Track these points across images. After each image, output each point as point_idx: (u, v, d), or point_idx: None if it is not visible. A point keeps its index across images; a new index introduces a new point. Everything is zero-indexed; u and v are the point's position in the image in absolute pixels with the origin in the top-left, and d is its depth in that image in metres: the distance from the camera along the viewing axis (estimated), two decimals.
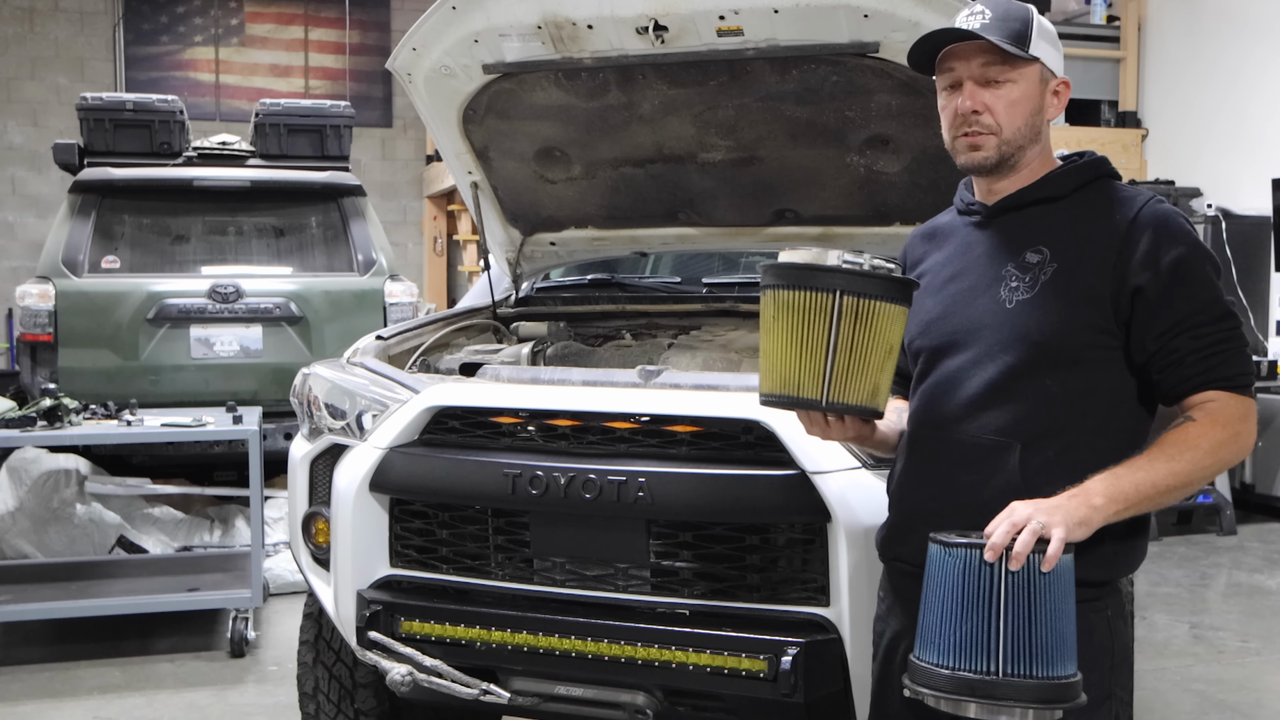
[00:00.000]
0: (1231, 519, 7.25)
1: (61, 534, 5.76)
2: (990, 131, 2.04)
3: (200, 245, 6.67)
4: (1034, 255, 2.03)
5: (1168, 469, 1.90)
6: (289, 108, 7.00)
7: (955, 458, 2.04)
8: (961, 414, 2.04)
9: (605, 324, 3.91)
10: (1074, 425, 1.99)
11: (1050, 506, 1.83)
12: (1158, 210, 2.01)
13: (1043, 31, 2.05)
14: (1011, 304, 2.02)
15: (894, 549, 2.14)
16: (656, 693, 2.67)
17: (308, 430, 3.24)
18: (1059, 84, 2.09)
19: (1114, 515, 1.87)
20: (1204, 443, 1.91)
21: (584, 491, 2.65)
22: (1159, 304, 1.95)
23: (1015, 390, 2.00)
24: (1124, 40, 9.52)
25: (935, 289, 2.15)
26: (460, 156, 3.67)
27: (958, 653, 1.80)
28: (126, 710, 4.32)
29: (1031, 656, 1.77)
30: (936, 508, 2.03)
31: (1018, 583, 1.78)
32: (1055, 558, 1.77)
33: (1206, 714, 4.35)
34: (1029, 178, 2.09)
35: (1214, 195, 8.38)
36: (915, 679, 1.85)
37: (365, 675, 3.26)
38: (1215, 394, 1.95)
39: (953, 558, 1.82)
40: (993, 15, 2.02)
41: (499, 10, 3.13)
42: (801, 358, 2.00)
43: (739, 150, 3.44)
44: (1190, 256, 1.98)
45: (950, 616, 1.81)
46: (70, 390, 5.23)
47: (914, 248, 2.28)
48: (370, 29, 12.83)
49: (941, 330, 2.10)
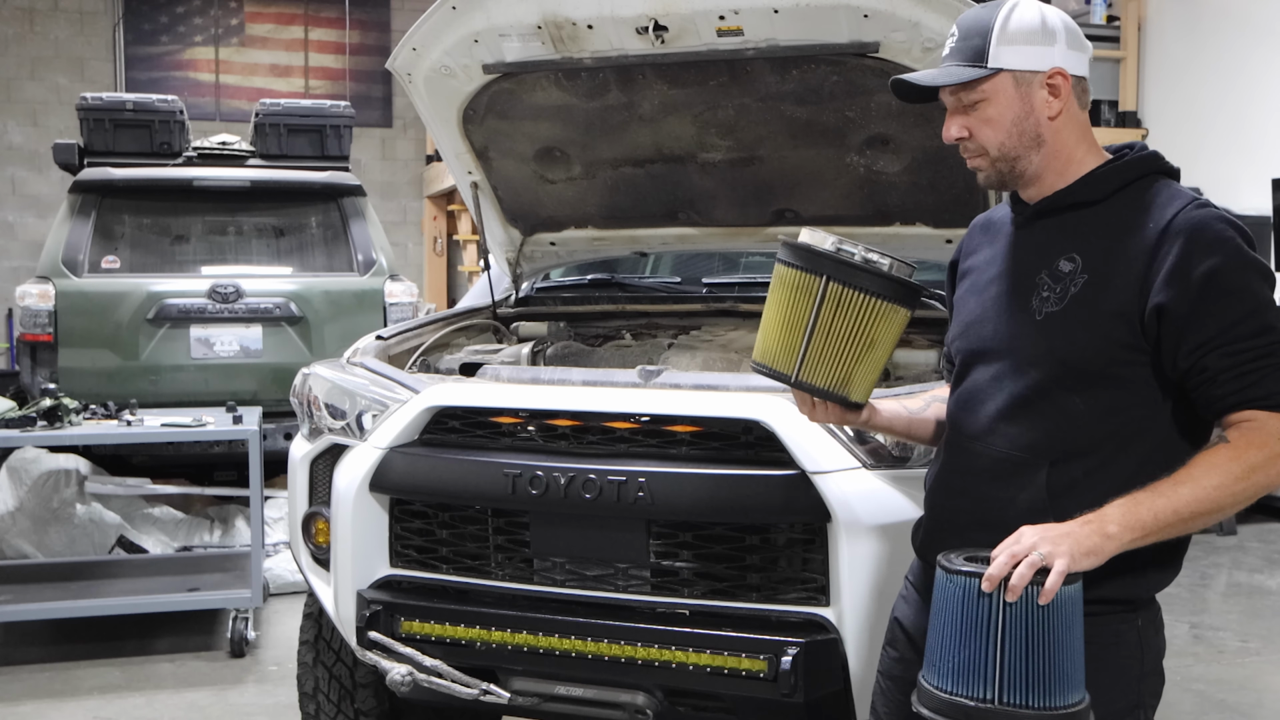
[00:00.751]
0: (1231, 519, 7.25)
1: (61, 534, 5.76)
2: (979, 153, 1.99)
3: (200, 245, 6.67)
4: (1067, 264, 1.94)
5: (1192, 494, 1.80)
6: (289, 108, 7.00)
7: (983, 471, 2.00)
8: (989, 427, 1.99)
9: (605, 324, 3.91)
10: (1102, 445, 1.91)
11: (1058, 535, 1.76)
12: (1193, 217, 1.87)
13: (1011, 32, 1.94)
14: (1040, 316, 1.95)
15: (926, 551, 2.10)
16: (656, 693, 2.67)
17: (308, 430, 3.24)
18: (1050, 76, 1.95)
19: (1129, 544, 1.79)
20: (1235, 466, 1.80)
21: (584, 491, 2.65)
22: (1188, 321, 1.83)
23: (1042, 407, 1.94)
24: (1124, 40, 9.52)
25: (979, 289, 2.09)
26: (460, 156, 3.67)
27: (956, 678, 1.78)
28: (126, 710, 4.32)
29: (1030, 686, 1.74)
30: (965, 521, 2.00)
31: (1016, 614, 1.74)
32: (1052, 592, 1.72)
33: (1206, 714, 4.35)
34: (1066, 176, 1.99)
35: (1214, 195, 8.30)
36: (920, 700, 1.85)
37: (365, 675, 3.26)
38: (1254, 413, 1.83)
39: (953, 584, 1.80)
40: (958, 36, 1.98)
41: (499, 10, 3.13)
42: (783, 332, 2.07)
43: (739, 150, 3.44)
44: (1225, 267, 1.84)
45: (951, 641, 1.79)
46: (70, 390, 5.23)
47: (971, 238, 2.21)
48: (370, 29, 12.83)
49: (977, 334, 2.06)
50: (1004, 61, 1.94)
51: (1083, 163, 1.99)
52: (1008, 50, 1.94)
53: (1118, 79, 9.53)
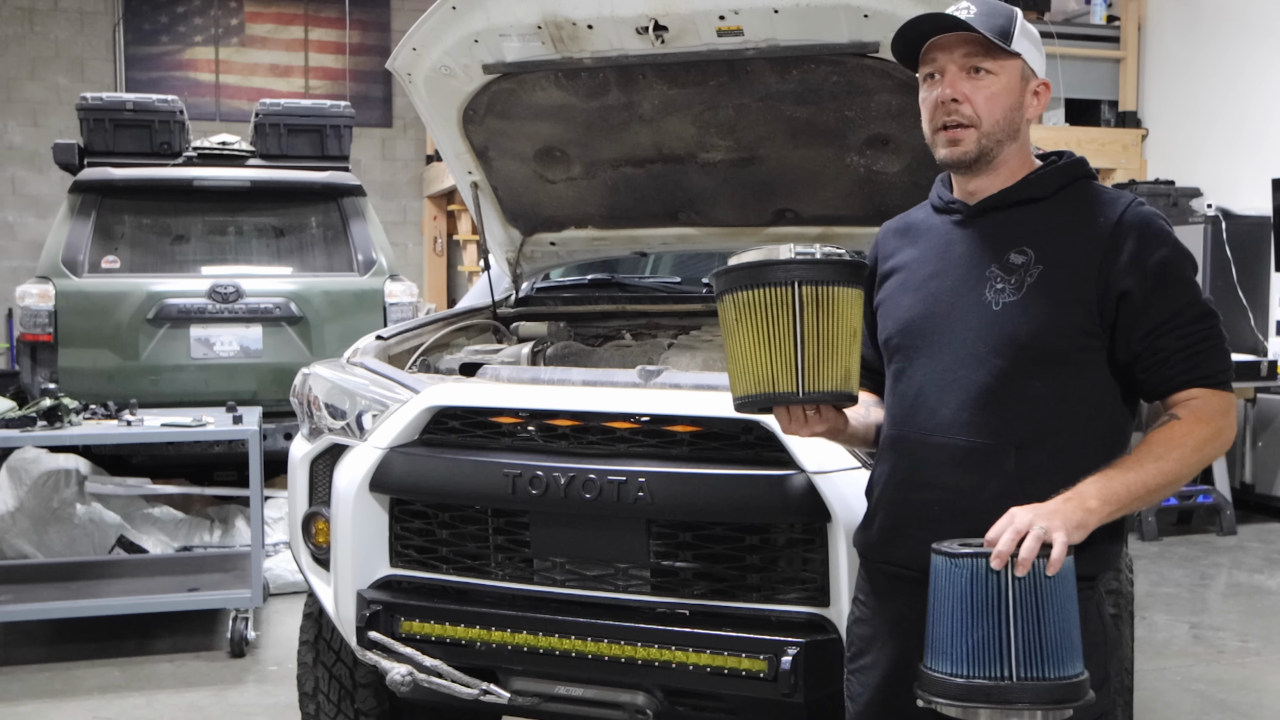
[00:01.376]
0: (1231, 519, 7.25)
1: (61, 534, 5.76)
2: (970, 124, 2.04)
3: (200, 245, 6.67)
4: (1018, 257, 2.04)
5: (1156, 468, 1.94)
6: (289, 108, 7.00)
7: (949, 462, 2.04)
8: (952, 418, 2.04)
9: (605, 324, 3.91)
10: (1064, 427, 2.01)
11: (1049, 511, 1.86)
12: (1140, 213, 2.03)
13: (1026, 31, 2.07)
14: (998, 306, 2.03)
15: (886, 552, 2.13)
16: (656, 693, 2.67)
17: (308, 430, 3.24)
18: (1039, 84, 2.10)
19: (1108, 516, 1.91)
20: (1189, 440, 1.96)
21: (584, 491, 2.65)
22: (1144, 306, 1.98)
23: (1006, 393, 2.01)
24: (1124, 40, 9.52)
25: (914, 286, 2.15)
26: (460, 156, 3.67)
27: (970, 660, 1.82)
28: (126, 710, 4.32)
29: (1042, 658, 1.81)
30: (935, 513, 2.04)
31: (1025, 588, 1.81)
32: (1060, 561, 1.80)
33: (1206, 714, 4.35)
34: (1008, 178, 2.10)
35: (1214, 195, 8.38)
36: (929, 689, 1.87)
37: (365, 675, 3.26)
38: (1198, 391, 1.99)
39: (959, 568, 1.84)
40: (978, 10, 2.04)
41: (499, 10, 3.12)
42: (771, 354, 2.02)
43: (739, 150, 3.44)
44: (1172, 258, 2.01)
45: (961, 626, 1.83)
46: (70, 390, 5.23)
47: (886, 242, 2.27)
48: (370, 29, 12.83)
49: (922, 329, 2.11)
50: (1023, 51, 2.06)
51: (1025, 165, 2.13)
52: (1026, 43, 2.07)
53: (1118, 79, 9.53)
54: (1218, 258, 7.75)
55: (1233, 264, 7.74)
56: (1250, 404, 7.80)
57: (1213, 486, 7.28)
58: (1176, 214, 8.22)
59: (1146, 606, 5.56)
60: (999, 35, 2.03)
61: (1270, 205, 7.82)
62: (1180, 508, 7.29)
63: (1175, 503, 7.20)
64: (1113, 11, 9.80)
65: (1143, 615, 5.30)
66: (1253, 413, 7.84)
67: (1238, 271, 7.74)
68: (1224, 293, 7.71)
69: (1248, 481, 7.85)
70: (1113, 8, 9.81)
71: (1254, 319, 7.80)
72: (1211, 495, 7.25)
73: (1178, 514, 7.38)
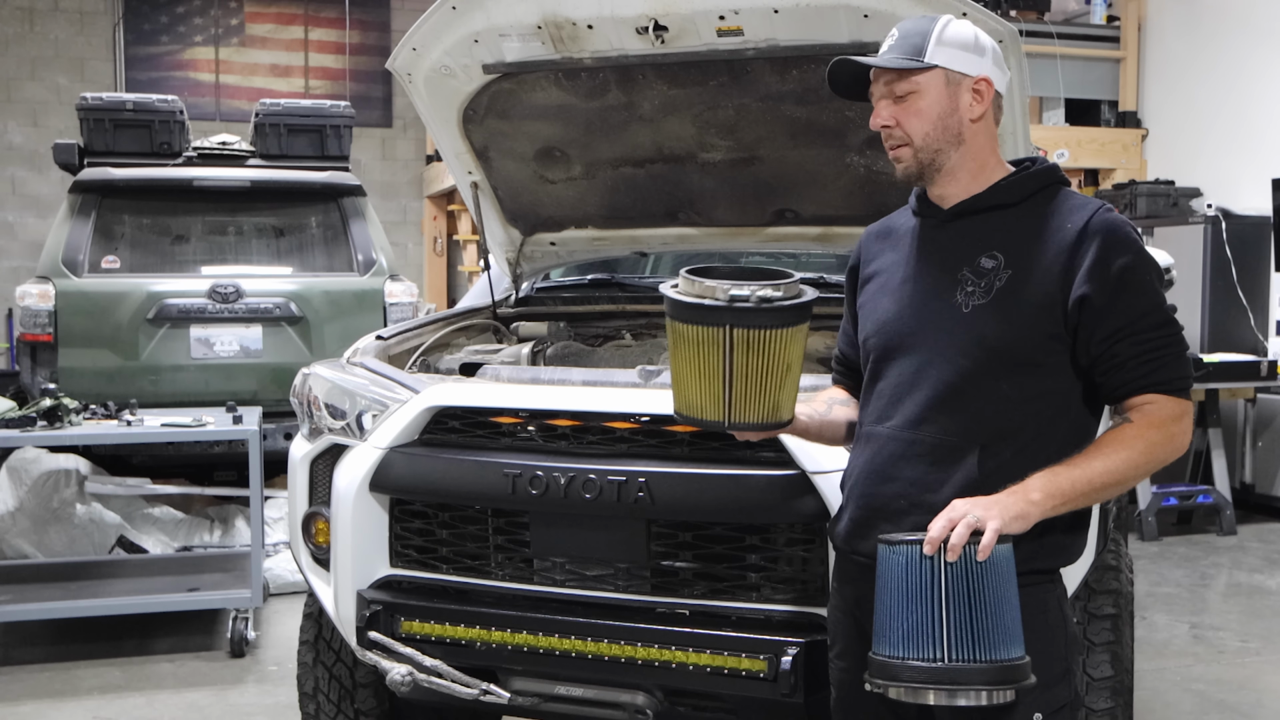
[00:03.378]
0: (1231, 519, 7.25)
1: (61, 534, 5.76)
2: (903, 143, 2.13)
3: (200, 245, 6.67)
4: (989, 261, 2.10)
5: (1103, 467, 2.00)
6: (289, 108, 7.00)
7: (916, 457, 2.10)
8: (919, 414, 2.10)
9: (605, 324, 3.91)
10: (1028, 427, 2.07)
11: (988, 502, 1.95)
12: (1107, 219, 2.07)
13: (947, 38, 2.11)
14: (968, 308, 2.09)
15: (854, 543, 2.18)
16: (656, 693, 2.67)
17: (308, 430, 3.24)
18: (977, 82, 2.12)
19: (1052, 510, 1.99)
20: (1139, 443, 2.02)
21: (584, 491, 2.65)
22: (1104, 310, 2.03)
23: (971, 393, 2.07)
24: (1124, 40, 9.52)
25: (891, 289, 2.22)
26: (460, 156, 3.67)
27: (907, 643, 1.91)
28: (126, 710, 4.32)
29: (975, 642, 1.89)
30: (900, 506, 2.11)
31: (956, 573, 1.90)
32: (988, 548, 1.89)
33: (1206, 714, 4.35)
34: (971, 180, 2.14)
35: (1214, 195, 8.38)
36: (873, 672, 1.96)
37: (365, 675, 3.26)
38: (1153, 397, 2.04)
39: (896, 554, 1.94)
40: (898, 36, 2.14)
41: (499, 10, 3.13)
42: (701, 384, 2.10)
43: (739, 150, 3.44)
44: (1135, 264, 2.05)
45: (898, 610, 1.92)
46: (70, 390, 5.23)
47: (868, 246, 2.35)
48: (370, 29, 12.83)
49: (896, 330, 2.17)
50: (939, 59, 2.11)
51: (994, 170, 2.16)
52: (943, 51, 2.11)
53: (1118, 79, 9.52)
54: (1218, 258, 7.75)
55: (1233, 264, 7.74)
56: (1250, 404, 7.80)
57: (1213, 486, 7.28)
58: (1176, 214, 8.23)
59: (1146, 606, 5.56)
60: (912, 53, 2.09)
61: (1270, 205, 7.82)
62: (1180, 508, 7.29)
63: (1175, 503, 7.21)
64: (1113, 11, 9.80)
65: (1143, 615, 5.30)
66: (1253, 413, 7.84)
67: (1238, 271, 7.74)
68: (1224, 293, 7.71)
69: (1248, 481, 7.85)
70: (1113, 8, 9.80)
71: (1254, 319, 7.80)
72: (1211, 495, 7.25)
73: (1178, 514, 7.37)
